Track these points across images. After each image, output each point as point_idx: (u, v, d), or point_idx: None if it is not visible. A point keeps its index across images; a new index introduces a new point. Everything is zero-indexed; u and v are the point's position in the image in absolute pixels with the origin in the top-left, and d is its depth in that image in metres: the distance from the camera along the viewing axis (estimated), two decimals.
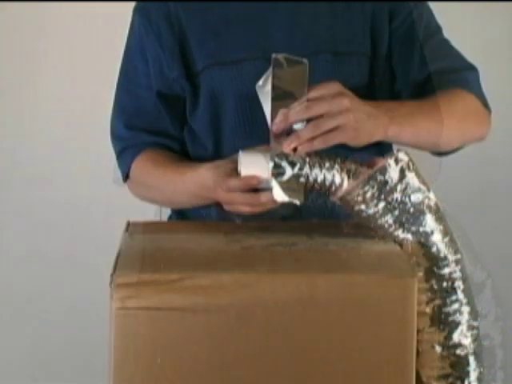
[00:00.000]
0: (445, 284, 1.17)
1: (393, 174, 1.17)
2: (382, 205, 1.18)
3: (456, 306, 1.17)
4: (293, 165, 1.19)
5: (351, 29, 1.49)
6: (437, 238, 1.18)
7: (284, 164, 1.19)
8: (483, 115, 1.48)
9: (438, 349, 1.17)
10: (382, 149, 1.45)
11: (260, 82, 1.30)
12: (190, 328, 1.07)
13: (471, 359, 1.18)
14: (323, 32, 1.48)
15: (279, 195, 1.20)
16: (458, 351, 1.17)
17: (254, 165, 1.21)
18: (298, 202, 1.19)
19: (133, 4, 1.55)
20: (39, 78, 2.73)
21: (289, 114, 1.22)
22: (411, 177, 1.17)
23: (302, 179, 1.20)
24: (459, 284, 1.18)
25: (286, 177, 1.19)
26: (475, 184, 2.74)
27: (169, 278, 1.06)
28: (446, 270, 1.17)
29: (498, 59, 2.64)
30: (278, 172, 1.19)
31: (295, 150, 1.21)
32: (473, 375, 1.18)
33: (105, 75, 1.88)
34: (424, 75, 1.49)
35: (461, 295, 1.18)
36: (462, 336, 1.17)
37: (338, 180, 1.20)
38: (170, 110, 1.53)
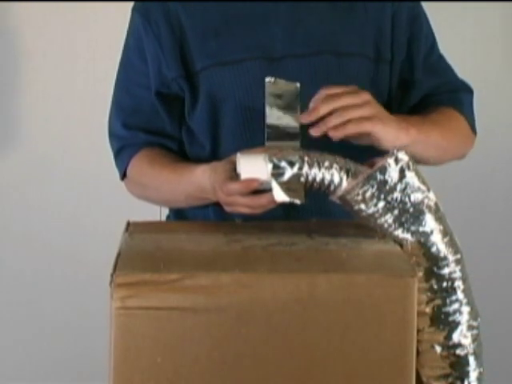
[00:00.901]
0: (445, 284, 1.17)
1: (392, 173, 1.17)
2: (381, 204, 1.17)
3: (456, 305, 1.17)
4: (292, 165, 1.19)
5: (354, 30, 1.48)
6: (437, 238, 1.18)
7: (283, 164, 1.19)
8: (470, 138, 1.54)
9: (438, 349, 1.17)
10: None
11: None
12: (190, 328, 1.07)
13: (471, 359, 1.18)
14: (325, 32, 1.47)
15: (279, 196, 1.19)
16: (458, 351, 1.17)
17: (253, 167, 1.21)
18: (298, 202, 1.19)
19: (132, 4, 1.55)
20: (39, 78, 2.73)
21: (320, 106, 1.25)
22: (411, 176, 1.17)
23: (302, 179, 1.19)
24: (459, 284, 1.17)
25: (285, 177, 1.19)
26: (475, 183, 2.74)
27: (169, 278, 1.06)
28: (446, 270, 1.17)
29: (495, 56, 2.64)
30: (277, 173, 1.19)
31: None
32: (472, 375, 1.18)
33: (104, 75, 1.88)
34: (420, 94, 1.52)
35: (461, 295, 1.17)
36: (462, 336, 1.17)
37: (336, 179, 1.20)
38: (168, 109, 1.53)
